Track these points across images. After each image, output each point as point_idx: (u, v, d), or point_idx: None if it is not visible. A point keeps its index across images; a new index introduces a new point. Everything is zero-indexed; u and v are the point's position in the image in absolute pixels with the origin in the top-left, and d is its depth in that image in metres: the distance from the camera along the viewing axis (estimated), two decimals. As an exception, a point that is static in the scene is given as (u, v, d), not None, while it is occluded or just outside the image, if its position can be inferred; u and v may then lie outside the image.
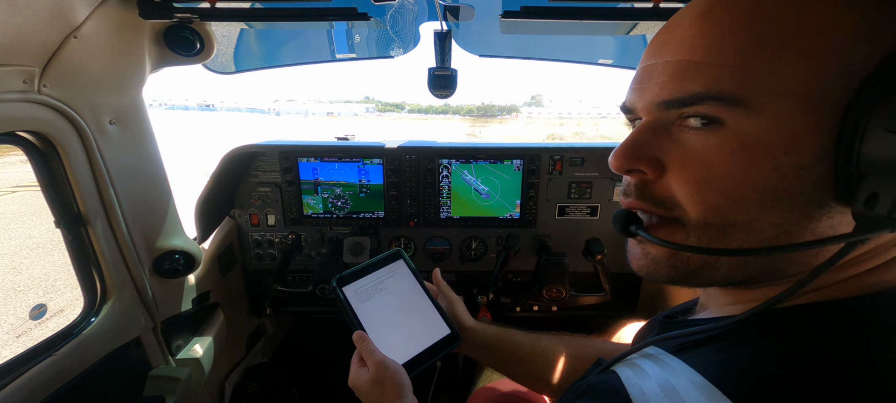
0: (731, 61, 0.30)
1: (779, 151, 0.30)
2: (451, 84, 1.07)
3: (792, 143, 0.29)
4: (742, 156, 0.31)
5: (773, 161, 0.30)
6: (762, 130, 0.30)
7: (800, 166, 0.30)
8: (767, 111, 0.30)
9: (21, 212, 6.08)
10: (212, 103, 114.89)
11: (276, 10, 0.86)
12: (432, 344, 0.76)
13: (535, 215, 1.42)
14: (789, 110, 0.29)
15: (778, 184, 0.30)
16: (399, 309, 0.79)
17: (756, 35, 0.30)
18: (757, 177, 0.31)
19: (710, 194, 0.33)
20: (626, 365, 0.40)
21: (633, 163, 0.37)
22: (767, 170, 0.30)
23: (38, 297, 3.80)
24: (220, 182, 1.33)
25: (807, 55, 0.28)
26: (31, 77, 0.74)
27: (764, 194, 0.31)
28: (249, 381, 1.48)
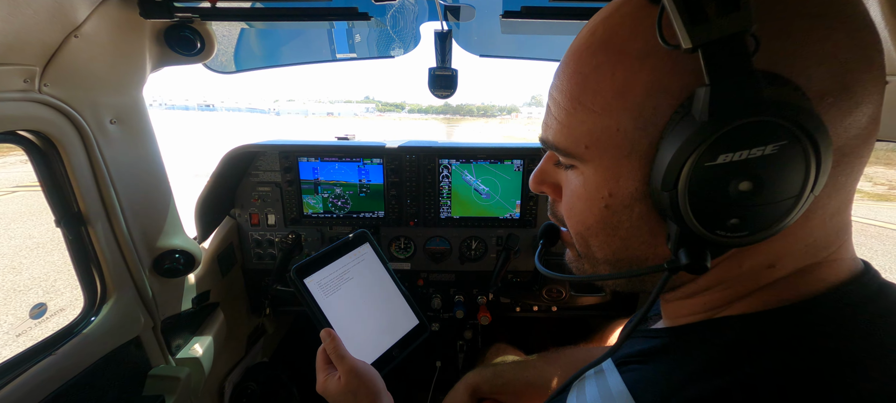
0: (561, 118, 0.36)
1: (605, 192, 0.35)
2: (452, 84, 1.07)
3: (613, 187, 0.34)
4: (585, 194, 0.37)
5: (603, 200, 0.35)
6: (593, 175, 0.36)
7: (623, 205, 0.35)
8: (593, 160, 0.35)
9: (21, 212, 6.08)
10: (212, 103, 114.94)
11: (276, 9, 0.86)
12: (401, 338, 0.72)
13: (535, 215, 1.42)
14: (607, 159, 0.34)
15: (610, 218, 0.36)
16: (367, 300, 0.75)
17: (575, 96, 0.35)
18: (596, 212, 0.36)
19: (574, 222, 0.40)
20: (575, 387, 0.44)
21: (538, 187, 0.44)
22: (600, 208, 0.36)
23: (38, 297, 3.80)
24: (220, 181, 1.33)
25: (609, 113, 0.32)
26: (32, 76, 0.74)
27: (603, 225, 0.37)
28: (249, 381, 1.48)
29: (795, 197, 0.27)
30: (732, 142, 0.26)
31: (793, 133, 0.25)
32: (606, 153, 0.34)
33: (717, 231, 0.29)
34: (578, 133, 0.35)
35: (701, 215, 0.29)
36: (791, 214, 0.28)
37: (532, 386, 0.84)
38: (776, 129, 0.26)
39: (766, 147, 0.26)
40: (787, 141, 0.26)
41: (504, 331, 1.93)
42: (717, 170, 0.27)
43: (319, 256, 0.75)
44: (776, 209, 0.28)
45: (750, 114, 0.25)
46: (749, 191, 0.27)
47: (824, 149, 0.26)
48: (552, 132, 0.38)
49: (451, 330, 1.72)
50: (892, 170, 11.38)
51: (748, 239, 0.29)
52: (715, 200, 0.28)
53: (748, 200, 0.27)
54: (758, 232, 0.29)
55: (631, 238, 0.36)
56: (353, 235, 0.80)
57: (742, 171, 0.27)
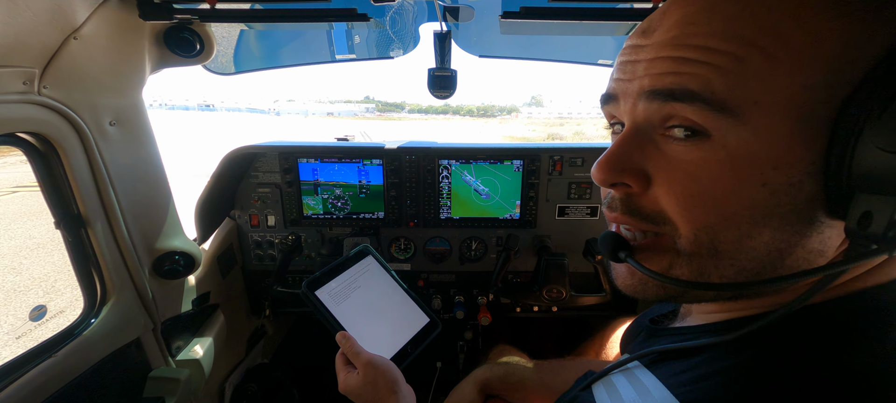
0: (724, 63, 0.29)
1: (767, 167, 0.29)
2: (451, 84, 1.07)
3: (780, 158, 0.28)
4: (730, 171, 0.30)
5: (762, 177, 0.29)
6: (749, 143, 0.29)
7: (789, 183, 0.28)
8: (754, 123, 0.28)
9: (21, 213, 6.08)
10: (212, 103, 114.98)
11: (275, 10, 0.86)
12: (415, 335, 0.76)
13: (535, 215, 1.42)
14: (776, 123, 0.28)
15: (768, 200, 0.29)
16: (377, 305, 0.79)
17: (748, 40, 0.28)
18: (746, 193, 0.29)
19: (700, 211, 0.31)
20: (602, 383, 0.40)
21: (618, 175, 0.35)
22: (756, 187, 0.29)
23: (38, 298, 3.80)
24: (220, 183, 1.33)
25: (795, 65, 0.27)
26: (31, 78, 0.74)
27: (754, 211, 0.30)
28: (249, 382, 1.48)
29: None
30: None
31: None
32: (778, 114, 0.27)
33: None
34: (750, 84, 0.28)
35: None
36: None
37: (546, 387, 0.83)
38: None
39: None
40: None
41: (504, 332, 1.93)
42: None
43: (327, 270, 0.79)
44: None
45: None
46: None
47: None
48: (699, 81, 0.29)
49: (451, 331, 1.72)
50: (892, 169, 11.33)
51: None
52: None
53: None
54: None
55: (784, 229, 0.29)
56: (354, 251, 0.84)
57: None
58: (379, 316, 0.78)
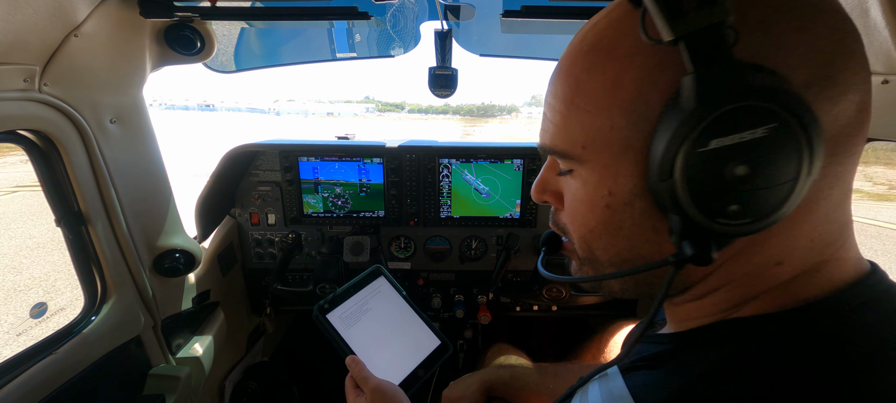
0: (558, 122, 0.37)
1: (605, 192, 0.35)
2: (452, 83, 1.07)
3: (613, 185, 0.35)
4: (585, 197, 0.37)
5: (604, 200, 0.36)
6: (591, 176, 0.36)
7: (623, 203, 0.35)
8: (591, 161, 0.35)
9: (21, 212, 6.08)
10: (212, 103, 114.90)
11: (276, 9, 0.86)
12: (425, 358, 0.76)
13: (535, 215, 1.42)
14: (604, 158, 0.34)
15: (612, 218, 0.36)
16: (387, 327, 0.79)
17: (569, 99, 0.35)
18: (597, 212, 0.37)
19: (577, 226, 0.40)
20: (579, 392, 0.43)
21: (540, 196, 0.45)
22: (602, 209, 0.36)
23: (38, 296, 3.80)
24: (220, 181, 1.33)
25: (603, 112, 0.33)
26: (32, 76, 0.74)
27: (606, 227, 0.37)
28: (249, 380, 1.48)
29: (793, 180, 0.27)
30: (722, 127, 0.27)
31: (781, 116, 0.26)
32: (603, 152, 0.34)
33: (719, 219, 0.29)
34: (575, 134, 0.36)
35: (700, 203, 0.29)
36: (791, 199, 0.27)
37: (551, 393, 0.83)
38: (765, 113, 0.26)
39: (756, 130, 0.27)
40: (776, 123, 0.26)
41: (504, 331, 1.93)
42: (710, 156, 0.28)
43: (339, 294, 0.81)
44: (775, 193, 0.27)
45: (736, 98, 0.26)
46: (745, 176, 0.27)
47: (815, 133, 0.26)
48: (549, 137, 0.38)
49: (451, 330, 1.72)
50: (892, 170, 11.37)
51: (751, 227, 0.29)
52: (713, 186, 0.28)
53: (746, 185, 0.28)
54: (760, 219, 0.28)
55: (634, 237, 0.35)
56: (366, 272, 0.85)
57: (736, 155, 0.27)
58: (389, 339, 0.78)
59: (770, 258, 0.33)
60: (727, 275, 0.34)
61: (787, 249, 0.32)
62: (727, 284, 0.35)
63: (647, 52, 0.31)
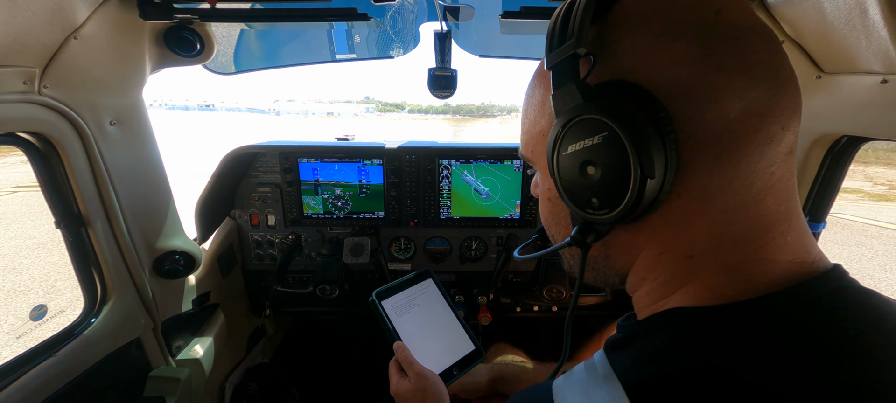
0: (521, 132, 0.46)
1: (547, 188, 0.44)
2: (452, 84, 1.07)
3: (550, 190, 0.43)
4: (541, 191, 0.47)
5: (547, 194, 0.45)
6: (540, 175, 0.46)
7: (556, 197, 0.41)
8: (537, 162, 0.44)
9: (21, 213, 6.08)
10: (212, 103, 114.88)
11: (276, 10, 0.86)
12: (460, 359, 0.82)
13: (535, 215, 1.42)
14: (542, 159, 0.42)
15: (553, 209, 0.44)
16: (431, 324, 0.86)
17: (523, 112, 0.45)
18: (546, 205, 0.46)
19: (542, 217, 0.48)
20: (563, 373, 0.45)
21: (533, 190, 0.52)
22: (546, 201, 0.45)
23: (38, 298, 3.80)
24: (220, 182, 1.33)
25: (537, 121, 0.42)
26: (32, 78, 0.74)
27: (552, 217, 0.45)
28: (250, 382, 1.48)
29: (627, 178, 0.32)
30: (573, 135, 0.35)
31: (608, 125, 0.32)
32: (541, 155, 0.42)
33: (587, 209, 0.36)
34: (526, 141, 0.45)
35: (572, 196, 0.37)
36: (638, 193, 0.32)
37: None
38: (597, 124, 0.32)
39: (593, 138, 0.33)
40: (607, 132, 0.32)
41: (504, 331, 1.93)
42: (569, 158, 0.36)
43: (393, 285, 0.89)
44: (621, 188, 0.32)
45: (575, 112, 0.34)
46: (596, 174, 0.34)
47: (650, 139, 0.30)
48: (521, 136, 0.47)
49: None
50: (892, 170, 11.37)
51: (611, 217, 0.34)
52: (577, 183, 0.36)
53: (598, 181, 0.34)
54: (615, 210, 0.34)
55: (570, 226, 0.42)
56: (416, 273, 0.93)
57: (585, 158, 0.34)
58: (431, 334, 0.85)
59: (678, 250, 0.36)
60: (647, 265, 0.38)
61: (692, 242, 0.35)
62: (650, 275, 0.38)
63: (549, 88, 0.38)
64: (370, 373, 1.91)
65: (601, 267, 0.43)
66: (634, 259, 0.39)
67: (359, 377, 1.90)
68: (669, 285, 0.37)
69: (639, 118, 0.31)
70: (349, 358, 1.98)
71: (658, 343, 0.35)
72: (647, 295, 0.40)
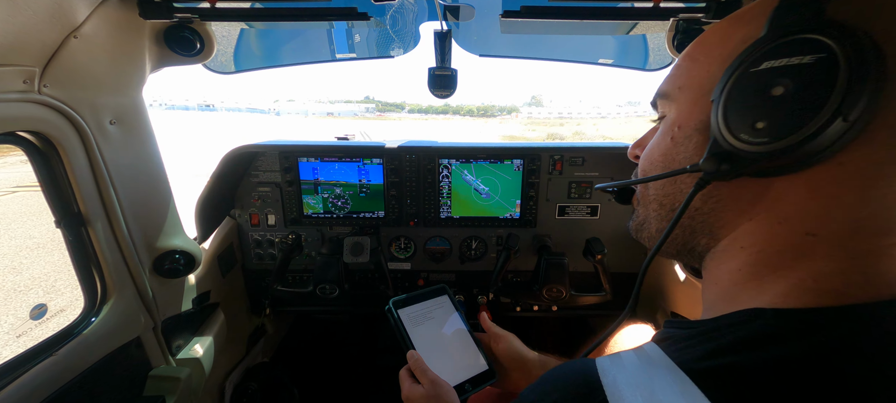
0: (672, 73, 0.44)
1: (676, 127, 0.41)
2: (452, 84, 1.07)
3: (684, 120, 0.40)
4: (662, 133, 0.44)
5: (671, 134, 0.41)
6: (672, 113, 0.42)
7: (685, 135, 0.40)
8: (678, 100, 0.41)
9: (21, 212, 6.08)
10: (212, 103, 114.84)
11: (276, 9, 0.86)
12: (473, 376, 0.81)
13: (535, 215, 1.42)
14: (689, 96, 0.40)
15: (670, 150, 0.41)
16: (445, 338, 0.86)
17: (690, 53, 0.42)
18: (662, 147, 0.43)
19: (645, 162, 0.46)
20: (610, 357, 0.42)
21: (633, 150, 0.51)
22: (667, 143, 0.42)
23: (38, 297, 3.80)
24: (220, 182, 1.33)
25: (706, 60, 0.39)
26: (32, 77, 0.74)
27: (664, 158, 0.42)
28: (250, 381, 1.48)
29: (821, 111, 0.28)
30: (777, 51, 0.31)
31: (832, 50, 0.28)
32: (691, 91, 0.40)
33: (742, 134, 0.32)
34: (679, 79, 0.42)
35: (731, 118, 0.33)
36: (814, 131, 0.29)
37: None
38: (818, 45, 0.29)
39: (804, 56, 0.30)
40: (825, 54, 0.29)
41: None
42: (757, 76, 0.32)
43: (411, 296, 0.90)
44: (801, 118, 0.29)
45: (799, 29, 0.30)
46: (779, 97, 0.31)
47: (866, 80, 0.27)
48: (662, 84, 0.44)
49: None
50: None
51: (768, 146, 0.31)
52: (747, 103, 0.32)
53: (776, 105, 0.31)
54: (778, 139, 0.30)
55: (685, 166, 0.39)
56: (433, 288, 0.94)
57: (778, 76, 0.31)
58: (445, 348, 0.85)
59: (802, 224, 0.32)
60: (757, 232, 0.35)
61: (823, 220, 0.31)
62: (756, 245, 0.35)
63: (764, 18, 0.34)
64: (370, 373, 1.91)
65: (698, 221, 0.40)
66: (745, 221, 0.36)
67: (358, 376, 1.90)
68: (770, 263, 0.34)
69: (869, 61, 0.28)
70: (349, 358, 1.98)
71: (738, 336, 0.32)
72: (738, 271, 0.37)
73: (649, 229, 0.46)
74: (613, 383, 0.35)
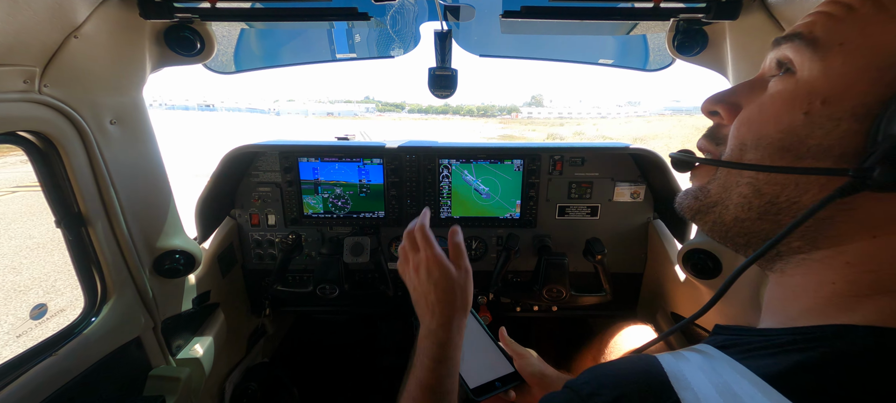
0: (837, 11, 0.31)
1: (817, 100, 0.30)
2: (452, 84, 1.07)
3: (834, 95, 0.30)
4: (788, 98, 0.32)
5: (806, 107, 0.31)
6: (816, 78, 0.31)
7: (830, 116, 0.30)
8: (831, 62, 0.30)
9: (21, 212, 6.08)
10: (212, 103, 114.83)
11: (276, 9, 0.86)
12: (502, 376, 0.82)
13: (535, 215, 1.42)
14: (854, 63, 0.29)
15: (800, 129, 0.31)
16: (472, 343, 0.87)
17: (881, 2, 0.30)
18: (786, 120, 0.32)
19: (745, 129, 0.35)
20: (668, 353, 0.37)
21: (712, 105, 0.40)
22: (797, 115, 0.31)
23: (38, 297, 3.80)
24: (220, 182, 1.33)
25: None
26: (32, 77, 0.74)
27: (783, 139, 0.32)
28: (250, 381, 1.48)
29: None
30: None
31: None
32: (860, 58, 0.29)
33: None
34: (844, 28, 0.30)
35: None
36: None
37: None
38: None
39: None
40: None
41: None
42: None
43: None
44: None
45: None
46: None
47: None
48: (809, 26, 0.33)
49: (451, 330, 1.72)
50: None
51: None
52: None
53: None
54: None
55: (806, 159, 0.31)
56: None
57: None
58: (474, 350, 0.86)
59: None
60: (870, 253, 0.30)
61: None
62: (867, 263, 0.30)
63: None
64: (370, 373, 1.91)
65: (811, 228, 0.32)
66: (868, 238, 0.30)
67: (358, 376, 1.90)
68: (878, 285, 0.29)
69: None
70: (349, 358, 1.98)
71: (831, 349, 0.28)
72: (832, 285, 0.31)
73: (722, 215, 0.37)
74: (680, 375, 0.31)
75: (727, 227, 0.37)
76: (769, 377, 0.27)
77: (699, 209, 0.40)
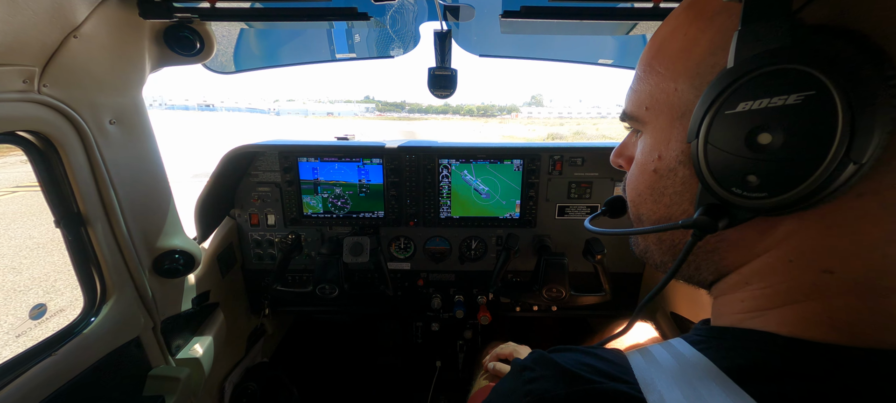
0: (634, 85, 0.38)
1: (656, 156, 0.36)
2: (451, 84, 1.07)
3: (663, 149, 0.35)
4: (640, 161, 0.38)
5: (653, 164, 0.36)
6: (649, 139, 0.37)
7: (668, 168, 0.35)
8: (651, 123, 0.36)
9: (21, 212, 6.08)
10: (212, 103, 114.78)
11: (276, 9, 0.86)
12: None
13: (535, 215, 1.42)
14: (662, 121, 0.35)
15: (657, 183, 0.36)
16: None
17: (648, 62, 0.36)
18: (646, 177, 0.37)
19: (630, 190, 0.41)
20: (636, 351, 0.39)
21: (615, 159, 0.46)
22: (650, 173, 0.37)
23: (37, 297, 3.80)
24: (219, 182, 1.33)
25: (671, 74, 0.33)
26: (31, 77, 0.74)
27: (651, 191, 0.37)
28: (249, 381, 1.48)
29: (820, 157, 0.23)
30: (753, 90, 0.25)
31: (821, 83, 0.23)
32: (662, 114, 0.34)
33: (733, 187, 0.28)
34: (643, 96, 0.36)
35: (717, 168, 0.28)
36: (819, 182, 0.24)
37: None
38: (801, 78, 0.24)
39: (788, 96, 0.24)
40: (814, 91, 0.23)
41: (504, 331, 1.93)
42: (736, 120, 0.27)
43: None
44: (798, 170, 0.24)
45: (774, 60, 0.24)
46: (772, 145, 0.25)
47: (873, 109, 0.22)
48: (626, 101, 0.39)
49: (451, 330, 1.72)
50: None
51: (766, 202, 0.26)
52: (732, 152, 0.27)
53: (767, 156, 0.25)
54: (777, 195, 0.26)
55: (673, 205, 0.35)
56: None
57: (761, 122, 0.25)
58: None
59: (817, 260, 0.28)
60: (765, 269, 0.31)
61: (842, 255, 0.27)
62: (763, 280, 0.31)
63: (730, 12, 0.29)
64: (370, 373, 1.91)
65: (701, 259, 0.35)
66: (752, 258, 0.31)
67: (358, 376, 1.90)
68: (779, 297, 0.30)
69: (871, 82, 0.22)
70: (349, 358, 1.98)
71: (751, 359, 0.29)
72: (741, 302, 0.33)
73: (653, 258, 0.42)
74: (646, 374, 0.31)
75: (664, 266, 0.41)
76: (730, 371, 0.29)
77: (641, 254, 0.44)
